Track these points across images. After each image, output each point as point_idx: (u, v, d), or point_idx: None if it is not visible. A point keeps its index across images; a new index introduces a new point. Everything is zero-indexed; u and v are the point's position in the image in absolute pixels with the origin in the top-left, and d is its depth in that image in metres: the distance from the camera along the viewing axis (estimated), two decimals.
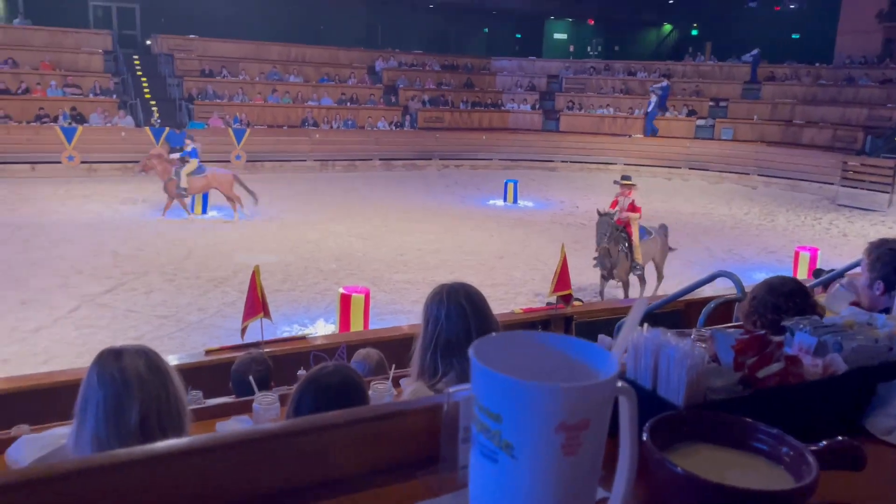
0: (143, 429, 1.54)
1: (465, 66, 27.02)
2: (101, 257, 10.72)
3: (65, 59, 20.42)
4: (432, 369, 1.89)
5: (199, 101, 20.69)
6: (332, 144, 21.17)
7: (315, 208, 15.27)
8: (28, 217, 13.10)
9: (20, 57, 19.72)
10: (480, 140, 23.20)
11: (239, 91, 21.63)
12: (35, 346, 7.37)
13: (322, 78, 23.69)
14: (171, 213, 13.73)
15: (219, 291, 9.45)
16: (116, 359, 1.59)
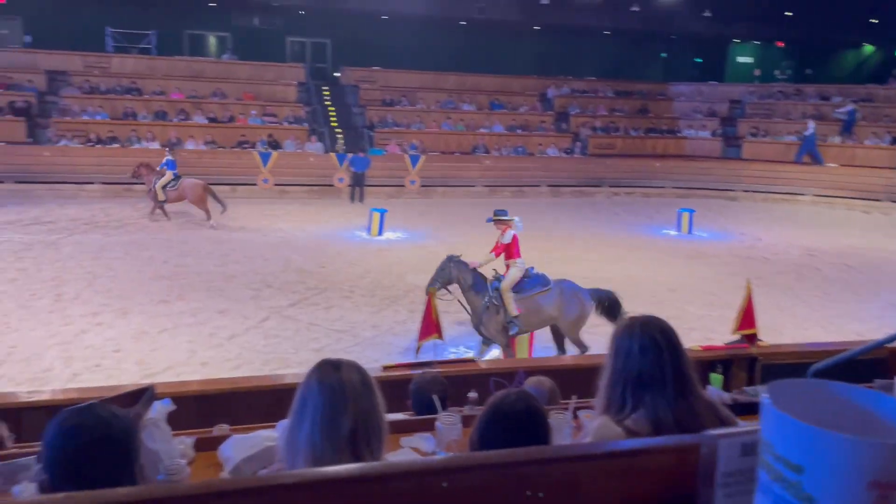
0: (352, 439, 1.64)
1: (640, 92, 26.39)
2: (287, 273, 11.56)
3: (264, 90, 22.46)
4: (620, 404, 1.84)
5: (380, 128, 21.88)
6: (502, 170, 21.47)
7: (483, 233, 15.46)
8: (228, 234, 14.44)
9: (227, 89, 21.97)
10: (654, 167, 22.47)
11: (416, 119, 22.62)
12: (229, 352, 8.06)
13: (494, 105, 24.17)
14: (349, 234, 14.59)
15: (391, 310, 9.84)
16: (336, 370, 1.71)
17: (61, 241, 12.97)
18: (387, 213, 14.98)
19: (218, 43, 25.90)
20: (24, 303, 9.34)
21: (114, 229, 14.25)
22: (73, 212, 15.75)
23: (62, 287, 10.07)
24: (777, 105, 24.71)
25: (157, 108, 20.48)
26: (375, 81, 24.06)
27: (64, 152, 18.16)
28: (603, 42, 28.09)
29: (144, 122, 19.72)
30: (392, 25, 25.10)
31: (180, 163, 16.02)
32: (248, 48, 24.59)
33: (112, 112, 19.90)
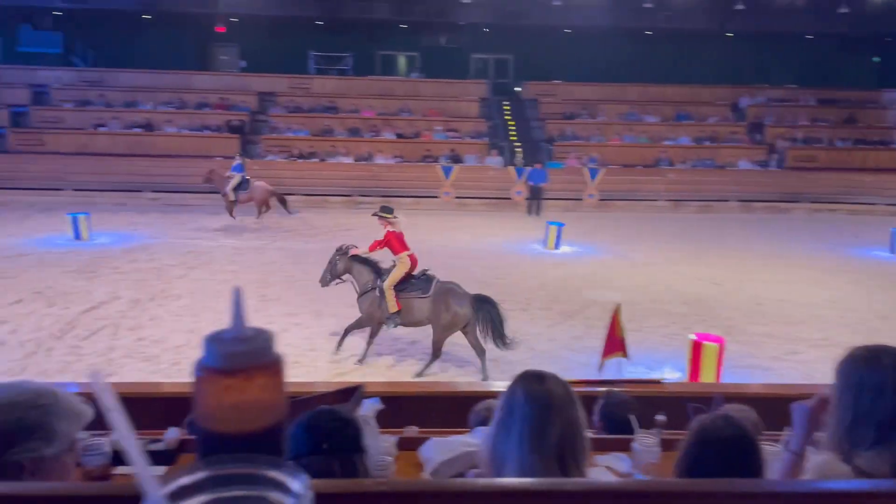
0: (559, 452, 1.67)
1: (847, 101, 24.08)
2: (467, 284, 11.72)
3: (448, 106, 23.27)
4: (852, 441, 1.69)
5: (559, 141, 21.81)
6: (687, 184, 20.55)
7: (665, 249, 14.93)
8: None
9: (414, 106, 23.03)
10: (862, 182, 20.38)
11: (596, 132, 22.29)
12: (411, 356, 8.40)
13: (680, 116, 23.19)
14: (526, 247, 14.68)
15: (567, 325, 9.74)
16: (540, 381, 1.75)
17: (266, 246, 14.25)
18: (564, 226, 14.90)
19: (407, 62, 27.24)
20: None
21: (311, 237, 15.41)
22: (277, 220, 17.24)
23: (266, 289, 11.05)
24: None
25: (351, 124, 21.93)
26: (556, 95, 24.05)
27: (270, 166, 19.97)
28: (804, 47, 25.97)
29: (340, 138, 21.20)
30: (574, 38, 24.99)
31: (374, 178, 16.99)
32: (434, 66, 25.63)
33: (312, 129, 21.61)
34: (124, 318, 9.44)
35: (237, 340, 0.55)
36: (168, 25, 24.57)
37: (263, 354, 0.55)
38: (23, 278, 11.22)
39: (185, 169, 19.52)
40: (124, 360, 8.00)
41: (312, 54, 25.83)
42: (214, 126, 21.33)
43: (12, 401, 1.27)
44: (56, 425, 1.28)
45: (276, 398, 0.56)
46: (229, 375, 0.54)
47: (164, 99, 22.33)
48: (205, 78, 23.91)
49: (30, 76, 22.60)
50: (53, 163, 19.12)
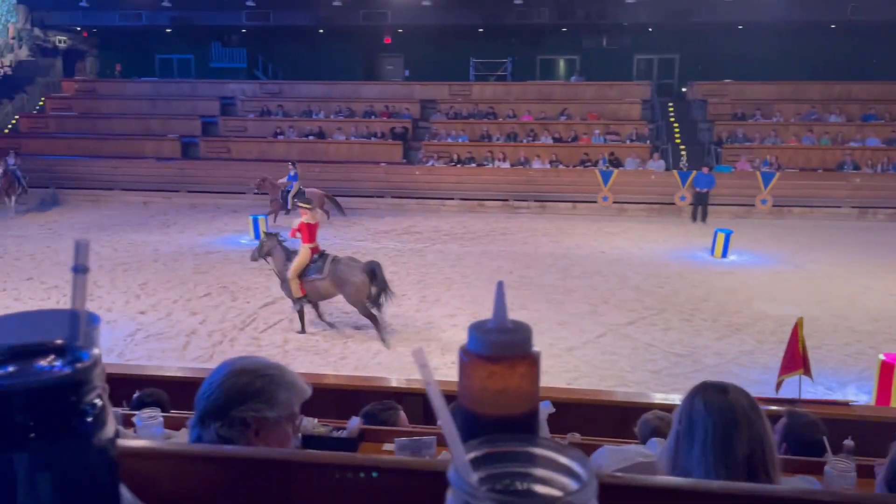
0: (748, 465, 1.61)
1: None
2: (624, 291, 11.54)
3: (608, 109, 22.78)
4: None
5: (728, 144, 20.66)
6: (876, 190, 18.71)
7: (849, 260, 13.70)
8: (567, 249, 14.93)
9: (573, 109, 22.78)
10: None
11: (771, 133, 20.87)
12: (567, 364, 8.31)
13: (867, 116, 21.17)
14: (690, 255, 14.06)
15: (736, 338, 9.22)
16: (723, 392, 1.70)
17: (426, 249, 14.70)
18: (733, 234, 14.09)
19: (567, 66, 27.01)
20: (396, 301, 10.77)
21: (468, 241, 15.70)
22: (435, 224, 17.74)
23: (426, 290, 11.40)
24: None
25: (509, 130, 22.08)
26: (726, 95, 22.80)
27: (430, 171, 20.58)
28: None
29: (498, 144, 21.42)
30: (747, 35, 23.57)
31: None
32: (595, 69, 25.22)
33: (471, 135, 22.01)
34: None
35: (502, 331, 0.58)
36: (339, 39, 26.09)
37: (525, 346, 0.59)
38: (211, 274, 12.36)
39: (353, 174, 20.60)
40: (297, 352, 8.58)
41: (473, 61, 26.32)
42: (379, 133, 22.33)
43: (245, 368, 1.53)
44: (278, 394, 1.51)
45: (533, 387, 0.59)
46: (495, 363, 0.57)
47: (335, 108, 23.69)
48: (371, 88, 25.11)
49: (219, 89, 24.85)
50: (237, 168, 20.89)
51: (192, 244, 14.87)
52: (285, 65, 27.32)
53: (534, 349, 0.60)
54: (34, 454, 0.47)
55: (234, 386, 1.49)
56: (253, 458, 0.79)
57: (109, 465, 0.51)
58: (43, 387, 0.48)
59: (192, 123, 23.20)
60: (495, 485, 0.43)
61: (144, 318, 9.82)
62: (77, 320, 0.52)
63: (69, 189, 20.39)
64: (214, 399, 1.49)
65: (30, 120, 23.92)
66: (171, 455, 0.79)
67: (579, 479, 0.43)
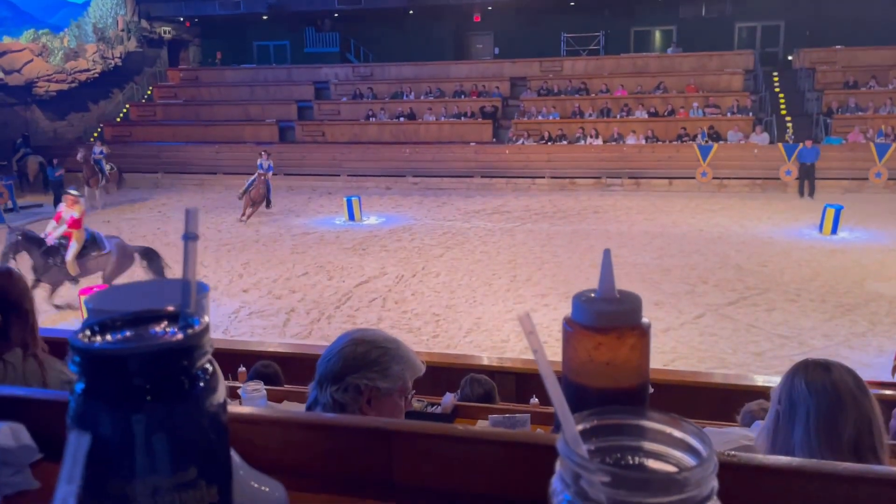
0: (856, 447, 1.52)
1: None
2: (725, 270, 11.11)
3: (707, 81, 21.82)
4: None
5: (839, 114, 19.40)
6: None
7: None
8: (663, 227, 14.48)
9: (669, 82, 21.95)
10: None
11: (887, 102, 19.43)
12: (664, 345, 8.08)
13: None
14: (796, 232, 13.36)
15: (846, 320, 8.71)
16: (826, 371, 1.61)
17: (516, 228, 14.62)
18: (843, 209, 13.25)
19: (662, 37, 26.02)
20: (487, 280, 10.80)
21: (559, 219, 15.50)
22: (526, 203, 17.60)
23: (516, 270, 11.35)
24: None
25: (602, 105, 21.54)
26: (836, 63, 21.37)
27: (520, 150, 20.38)
28: None
29: (590, 120, 20.94)
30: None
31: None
32: (693, 39, 24.16)
33: (562, 112, 21.61)
34: (391, 292, 10.31)
35: (609, 301, 0.56)
36: (428, 18, 26.11)
37: (634, 316, 0.56)
38: (308, 254, 12.76)
39: (443, 154, 20.68)
40: (391, 329, 8.74)
41: (564, 36, 25.77)
42: (469, 113, 22.28)
43: (365, 338, 1.62)
44: (392, 366, 1.58)
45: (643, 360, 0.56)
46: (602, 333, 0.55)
47: (425, 89, 23.81)
48: (461, 67, 25.05)
49: (313, 74, 25.45)
50: (331, 151, 21.39)
51: (290, 225, 15.38)
52: (376, 47, 27.63)
53: (644, 320, 0.57)
54: (150, 416, 0.49)
55: (351, 354, 1.57)
56: (355, 426, 0.80)
57: (220, 428, 0.53)
58: (157, 351, 0.49)
59: (288, 108, 23.88)
60: (606, 458, 0.41)
61: (247, 297, 10.26)
62: (188, 288, 0.54)
63: (175, 174, 21.48)
64: (332, 364, 1.58)
65: (139, 108, 25.29)
66: (277, 422, 0.81)
67: (698, 455, 0.40)
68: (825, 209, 13.22)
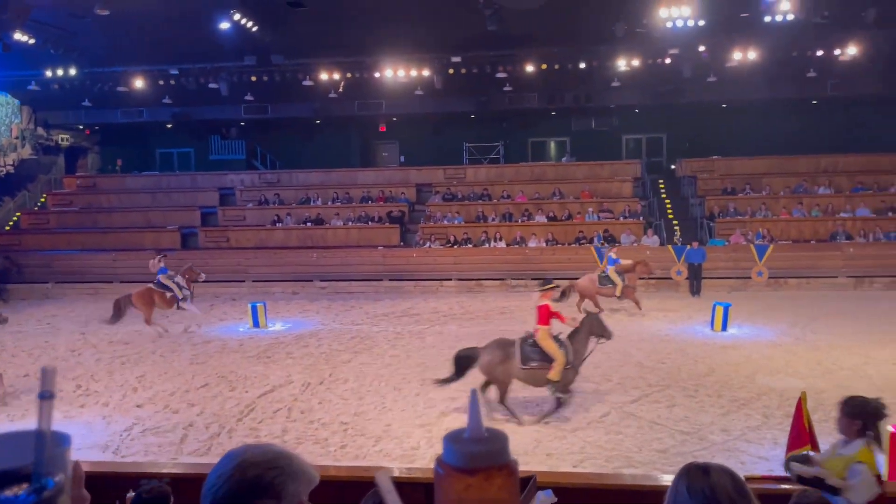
0: None
1: None
2: (627, 368, 11.44)
3: (600, 187, 23.19)
4: None
5: (721, 218, 20.92)
6: (870, 259, 18.83)
7: (849, 330, 13.63)
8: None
9: (565, 189, 23.16)
10: None
11: (762, 207, 21.17)
12: (573, 446, 8.13)
13: (856, 187, 21.55)
14: (690, 329, 14.01)
15: (742, 413, 9.07)
16: (705, 475, 1.66)
17: (425, 331, 14.63)
18: (731, 307, 14.08)
19: (557, 147, 27.65)
20: (396, 385, 10.66)
21: (467, 321, 15.65)
22: (434, 305, 17.72)
23: (426, 373, 11.26)
24: None
25: (504, 210, 22.39)
26: (714, 171, 23.29)
27: (427, 253, 20.72)
28: None
29: (493, 224, 21.67)
30: (731, 113, 24.27)
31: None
32: (585, 149, 25.81)
33: (467, 216, 22.29)
34: (296, 401, 9.98)
35: (476, 441, 0.59)
36: (336, 128, 26.79)
37: (500, 456, 0.59)
38: (209, 364, 12.25)
39: (351, 258, 20.73)
40: (297, 442, 8.40)
41: (466, 145, 26.94)
42: (377, 217, 22.62)
43: (254, 460, 1.41)
44: (288, 485, 1.40)
45: (512, 499, 0.59)
46: (471, 474, 0.58)
47: (333, 195, 24.09)
48: (368, 174, 25.61)
49: (218, 180, 25.32)
50: (236, 257, 21.03)
51: (191, 334, 14.80)
52: (283, 154, 27.94)
53: (511, 458, 0.60)
54: None
55: (242, 481, 1.39)
56: None
57: None
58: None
59: (191, 214, 23.51)
60: None
61: (141, 412, 9.67)
62: (43, 447, 0.53)
63: (68, 283, 20.45)
64: (222, 494, 1.40)
65: (30, 216, 24.24)
66: None
67: None
68: (714, 307, 13.99)
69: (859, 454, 3.64)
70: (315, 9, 16.83)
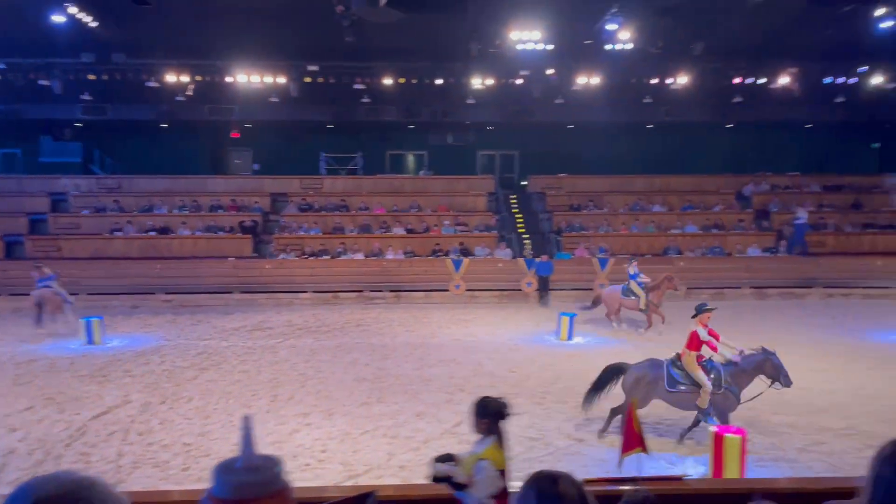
0: None
1: (851, 186, 24.40)
2: (480, 377, 11.70)
3: (456, 201, 23.71)
4: None
5: (567, 233, 22.04)
6: (698, 272, 20.54)
7: (680, 337, 14.74)
8: (423, 338, 15.01)
9: (423, 202, 23.47)
10: (874, 266, 20.34)
11: (604, 222, 22.54)
12: (425, 456, 8.16)
13: (686, 206, 23.49)
14: (539, 339, 14.59)
15: (584, 418, 9.52)
16: (553, 483, 1.71)
17: (278, 345, 14.21)
18: (576, 317, 14.83)
19: (416, 160, 27.97)
20: (245, 402, 10.25)
21: (323, 334, 15.38)
22: (288, 318, 17.27)
23: (278, 388, 10.94)
24: None
25: (362, 222, 22.29)
26: (561, 188, 24.50)
27: (282, 265, 20.19)
28: (804, 135, 26.58)
29: (351, 236, 21.50)
30: (577, 134, 25.67)
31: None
32: (442, 163, 26.31)
33: (323, 227, 21.97)
34: (134, 422, 9.32)
35: (247, 470, 0.55)
36: (184, 133, 25.50)
37: (272, 483, 0.56)
38: (35, 384, 11.18)
39: (199, 270, 19.77)
40: (134, 466, 7.84)
41: (324, 155, 26.60)
42: (228, 227, 21.75)
43: (47, 495, 1.24)
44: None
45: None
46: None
47: (179, 203, 22.89)
48: (219, 181, 24.58)
49: (49, 185, 23.29)
50: (68, 268, 19.36)
51: (14, 353, 13.46)
52: (125, 159, 26.20)
53: (283, 484, 0.56)
54: None
55: None
56: None
57: None
58: None
59: (17, 222, 21.47)
60: None
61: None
62: None
63: None
64: None
65: None
66: None
67: None
68: (560, 317, 14.68)
69: (486, 452, 3.95)
70: (161, 7, 15.96)
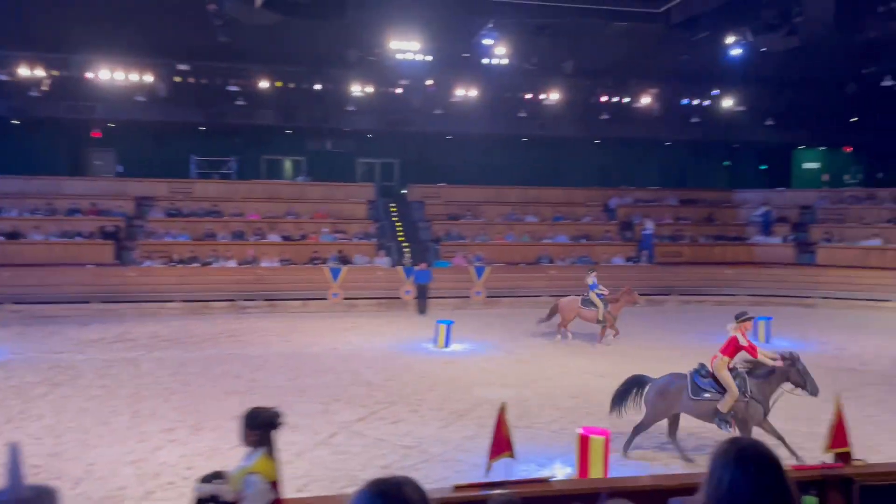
0: None
1: (705, 200, 26.33)
2: (356, 387, 11.59)
3: (335, 209, 23.43)
4: None
5: (445, 241, 22.33)
6: (568, 280, 21.32)
7: (550, 344, 15.33)
8: (299, 347, 14.69)
9: (300, 209, 23.02)
10: (724, 275, 22.02)
11: (480, 231, 23.03)
12: (297, 470, 7.96)
13: (557, 217, 24.45)
14: (416, 347, 14.68)
15: (459, 425, 9.65)
16: (398, 489, 1.70)
17: (141, 358, 13.44)
18: (453, 324, 15.03)
19: (293, 166, 27.39)
20: (103, 419, 9.60)
21: (192, 345, 14.70)
22: (154, 329, 16.38)
23: (140, 403, 10.33)
24: (850, 210, 24.17)
25: (236, 228, 21.55)
26: (440, 197, 24.82)
27: (147, 272, 19.14)
28: (664, 152, 28.40)
29: (223, 243, 20.72)
30: (456, 144, 26.11)
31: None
32: (320, 170, 25.92)
33: (193, 233, 21.04)
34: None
35: (18, 502, 0.50)
36: (38, 131, 23.60)
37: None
38: None
39: (53, 278, 18.39)
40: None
41: (194, 158, 25.50)
42: (87, 232, 20.36)
43: None
44: None
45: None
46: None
47: (31, 206, 21.19)
48: (77, 183, 22.94)
49: None
50: None
51: None
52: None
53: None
54: None
55: None
56: None
57: None
58: None
59: None
60: None
61: None
62: None
63: None
64: None
65: None
66: None
67: None
68: (437, 325, 14.84)
69: (256, 465, 3.80)
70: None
